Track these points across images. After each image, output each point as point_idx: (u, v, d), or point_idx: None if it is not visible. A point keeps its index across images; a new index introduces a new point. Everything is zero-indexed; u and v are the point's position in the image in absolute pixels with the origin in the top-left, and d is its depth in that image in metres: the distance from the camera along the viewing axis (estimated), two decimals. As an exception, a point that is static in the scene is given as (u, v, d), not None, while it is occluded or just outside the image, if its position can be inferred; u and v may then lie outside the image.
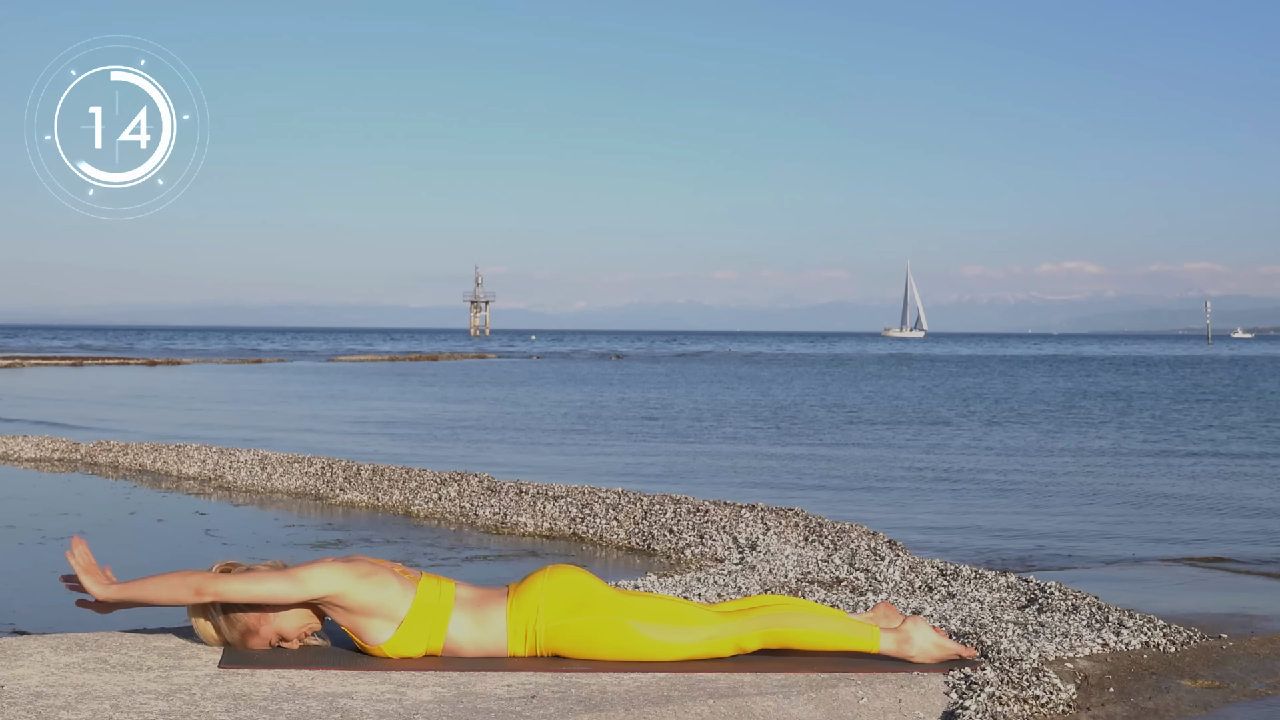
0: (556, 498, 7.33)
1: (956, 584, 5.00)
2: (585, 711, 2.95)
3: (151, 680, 3.14)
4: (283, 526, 7.22)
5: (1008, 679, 3.38)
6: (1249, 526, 7.86)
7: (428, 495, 7.88)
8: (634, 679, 3.25)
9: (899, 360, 55.24)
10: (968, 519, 8.15)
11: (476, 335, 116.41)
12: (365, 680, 3.18)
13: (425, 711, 2.92)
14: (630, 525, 6.73)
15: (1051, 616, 4.28)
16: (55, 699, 2.95)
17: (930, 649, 3.50)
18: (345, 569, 3.35)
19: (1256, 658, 3.95)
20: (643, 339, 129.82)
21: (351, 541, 6.67)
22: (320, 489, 8.49)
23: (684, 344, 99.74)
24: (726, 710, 3.06)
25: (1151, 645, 3.95)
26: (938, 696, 3.31)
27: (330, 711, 2.90)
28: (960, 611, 4.38)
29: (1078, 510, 8.59)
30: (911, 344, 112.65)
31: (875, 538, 6.09)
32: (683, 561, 6.02)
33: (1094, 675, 3.64)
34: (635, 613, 3.41)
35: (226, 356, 50.69)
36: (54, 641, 3.53)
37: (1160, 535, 7.46)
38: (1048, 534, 7.47)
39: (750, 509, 6.72)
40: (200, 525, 7.23)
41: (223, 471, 9.35)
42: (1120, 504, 8.92)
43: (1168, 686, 3.61)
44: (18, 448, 10.88)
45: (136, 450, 10.42)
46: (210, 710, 2.89)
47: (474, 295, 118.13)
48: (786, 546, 5.96)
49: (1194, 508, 8.76)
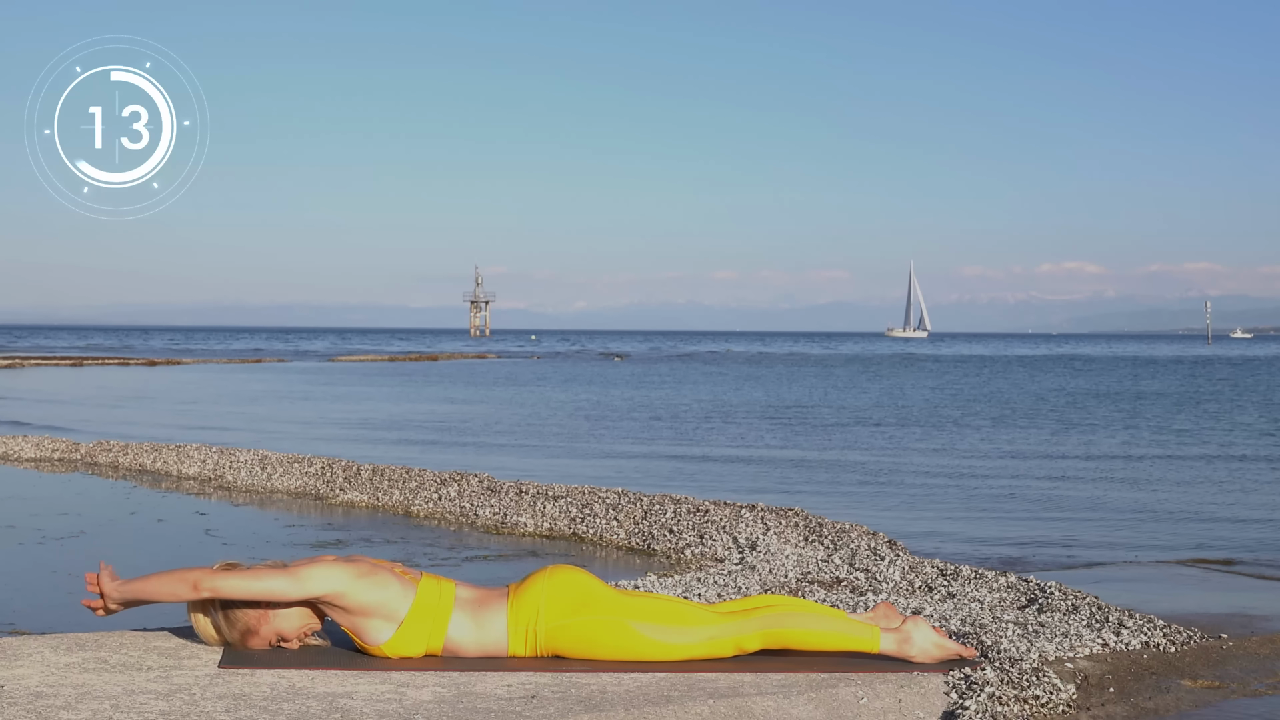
0: (556, 498, 7.33)
1: (956, 584, 5.00)
2: (585, 711, 2.95)
3: (151, 680, 3.14)
4: (283, 526, 7.22)
5: (1008, 679, 3.38)
6: (1249, 526, 7.86)
7: (428, 495, 7.88)
8: (634, 679, 3.25)
9: (903, 360, 55.06)
10: (968, 519, 8.14)
11: (476, 335, 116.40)
12: (365, 680, 3.18)
13: (425, 711, 2.92)
14: (630, 525, 6.73)
15: (1051, 616, 4.28)
16: (55, 699, 2.95)
17: (930, 649, 3.50)
18: (345, 568, 3.35)
19: (1256, 658, 3.95)
20: (645, 339, 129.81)
21: (351, 541, 6.67)
22: (320, 489, 8.49)
23: (687, 344, 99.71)
24: (726, 710, 3.06)
25: (1151, 645, 3.94)
26: (938, 696, 3.31)
27: (330, 711, 2.90)
28: (960, 611, 4.38)
29: (1078, 510, 8.59)
30: (916, 344, 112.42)
31: (875, 538, 6.09)
32: (683, 561, 6.02)
33: (1094, 675, 3.64)
34: (635, 613, 3.41)
35: (226, 356, 50.70)
36: (54, 641, 3.53)
37: (1161, 535, 7.45)
38: (1049, 534, 7.47)
39: (750, 509, 6.72)
40: (200, 525, 7.23)
41: (223, 471, 9.35)
42: (1121, 504, 8.92)
43: (1168, 686, 3.61)
44: (18, 448, 10.89)
45: (136, 450, 10.43)
46: (210, 710, 2.89)
47: (474, 295, 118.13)
48: (786, 546, 5.96)
49: (1194, 507, 8.76)
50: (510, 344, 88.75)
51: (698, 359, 56.94)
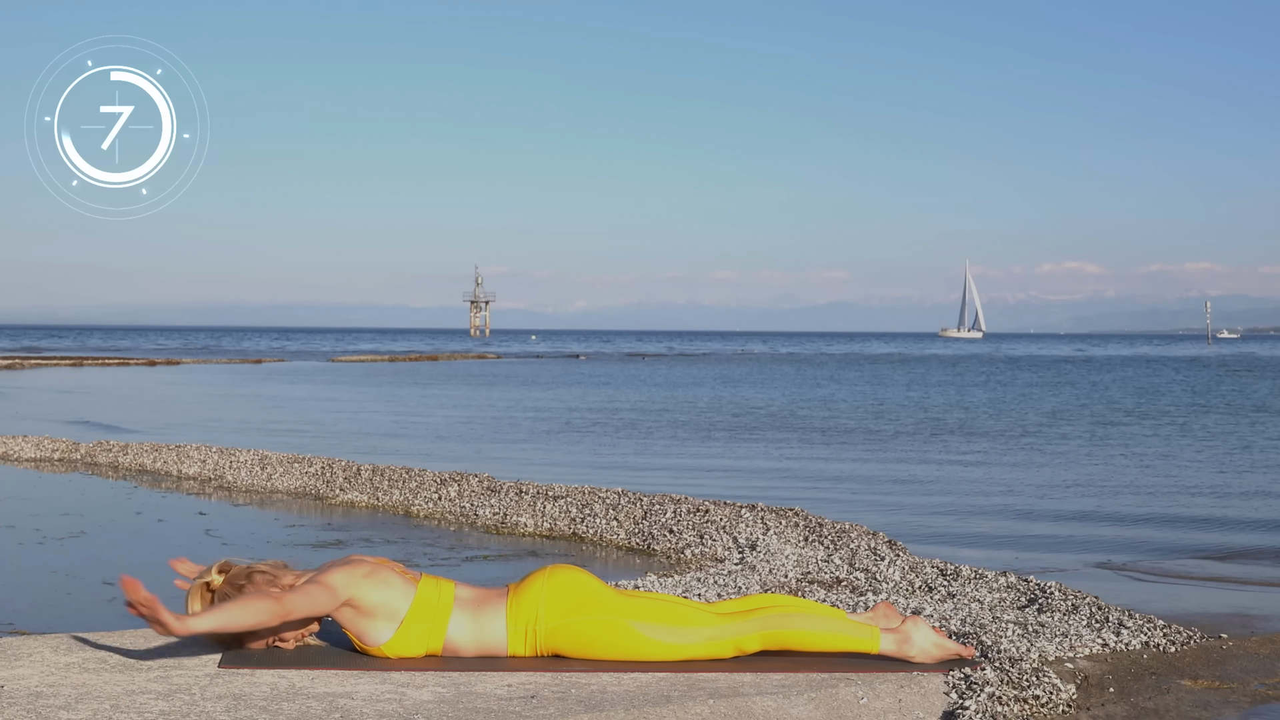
0: (556, 498, 7.33)
1: (956, 584, 5.00)
2: (585, 711, 2.95)
3: (151, 680, 3.14)
4: (283, 526, 7.22)
5: (1008, 679, 3.38)
6: (1251, 526, 7.85)
7: (428, 495, 7.88)
8: (634, 679, 3.25)
9: (1009, 363, 52.14)
10: (969, 519, 8.14)
11: (476, 335, 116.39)
12: (365, 680, 3.18)
13: (425, 711, 2.92)
14: (630, 525, 6.73)
15: (1051, 616, 4.28)
16: (55, 699, 2.95)
17: (930, 649, 3.50)
18: (351, 570, 3.36)
19: (1256, 658, 3.95)
20: (646, 339, 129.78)
21: (351, 541, 6.67)
22: (320, 489, 8.49)
23: (727, 343, 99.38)
24: (726, 710, 3.06)
25: (1151, 645, 3.95)
26: (938, 696, 3.31)
27: (330, 711, 2.90)
28: (960, 611, 4.38)
29: (1079, 511, 8.59)
30: (972, 344, 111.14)
31: (875, 537, 6.09)
32: (683, 561, 6.02)
33: (1094, 675, 3.64)
34: (635, 613, 3.41)
35: (226, 356, 50.69)
36: (54, 641, 3.53)
37: (1162, 535, 7.45)
38: (1049, 534, 7.47)
39: (750, 509, 6.72)
40: (200, 525, 7.23)
41: (223, 471, 9.35)
42: (1122, 504, 8.91)
43: (1168, 686, 3.61)
44: (18, 448, 10.88)
45: (136, 450, 10.42)
46: (210, 710, 2.88)
47: (474, 295, 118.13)
48: (786, 546, 5.95)
49: (1196, 508, 8.76)
50: (511, 344, 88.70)
51: (708, 358, 56.89)
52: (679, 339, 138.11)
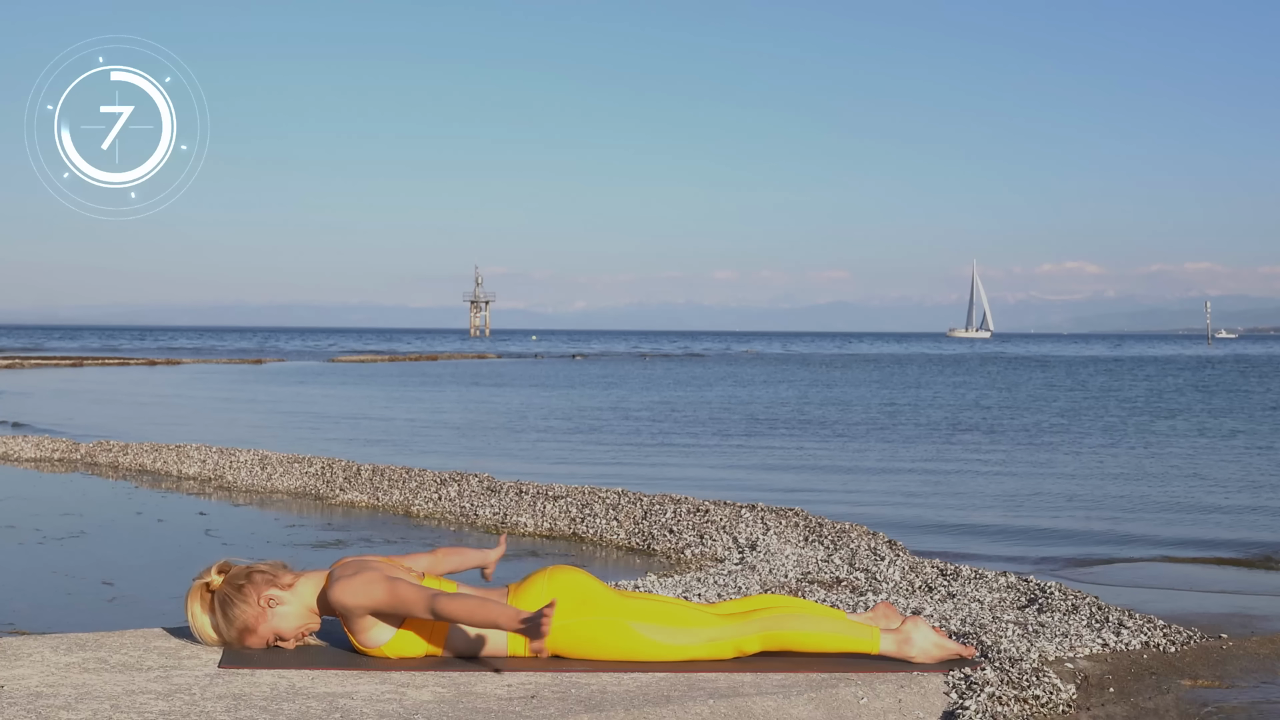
0: (556, 498, 7.33)
1: (956, 584, 5.00)
2: (585, 711, 2.95)
3: (151, 680, 3.14)
4: (283, 526, 7.22)
5: (1008, 679, 3.38)
6: (1251, 526, 7.85)
7: (428, 495, 7.88)
8: (634, 679, 3.25)
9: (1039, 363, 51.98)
10: (970, 519, 8.14)
11: (476, 335, 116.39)
12: (365, 680, 3.18)
13: (425, 711, 2.92)
14: (630, 525, 6.73)
15: (1051, 616, 4.28)
16: (55, 699, 2.95)
17: (930, 649, 3.50)
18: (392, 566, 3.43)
19: (1256, 658, 3.95)
20: (647, 339, 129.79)
21: (351, 541, 6.67)
22: (320, 489, 8.49)
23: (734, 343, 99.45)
24: (726, 710, 3.06)
25: (1151, 645, 3.94)
26: (938, 696, 3.31)
27: (330, 711, 2.90)
28: (960, 611, 4.38)
29: (1079, 511, 8.59)
30: (980, 344, 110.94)
31: (875, 537, 6.09)
32: (683, 561, 6.02)
33: (1094, 675, 3.64)
34: (635, 614, 3.41)
35: (226, 356, 50.69)
36: (54, 641, 3.53)
37: (1162, 535, 7.45)
38: (1049, 534, 7.47)
39: (750, 509, 6.73)
40: (200, 525, 7.23)
41: (223, 471, 9.35)
42: (1123, 504, 8.91)
43: (1168, 686, 3.61)
44: (18, 448, 10.88)
45: (136, 450, 10.43)
46: (210, 710, 2.88)
47: (474, 295, 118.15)
48: (786, 546, 5.96)
49: (1196, 508, 8.76)
50: (511, 344, 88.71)
51: (709, 358, 56.88)
52: (680, 339, 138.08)
